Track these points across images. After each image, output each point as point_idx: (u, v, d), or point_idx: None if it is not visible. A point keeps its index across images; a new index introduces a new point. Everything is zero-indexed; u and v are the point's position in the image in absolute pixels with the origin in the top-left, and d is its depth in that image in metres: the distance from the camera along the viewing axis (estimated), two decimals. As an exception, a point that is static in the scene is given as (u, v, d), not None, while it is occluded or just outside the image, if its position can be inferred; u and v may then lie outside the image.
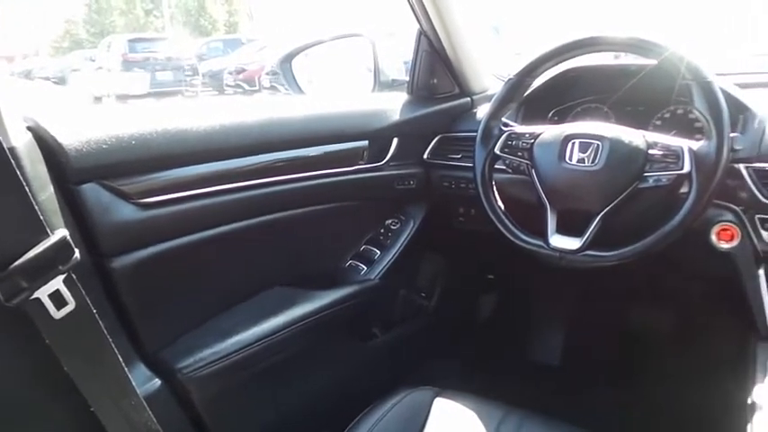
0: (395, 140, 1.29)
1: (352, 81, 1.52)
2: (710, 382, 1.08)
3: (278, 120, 1.10)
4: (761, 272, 0.98)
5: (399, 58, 1.59)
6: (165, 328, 0.98)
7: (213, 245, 1.00)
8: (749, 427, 0.80)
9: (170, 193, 0.92)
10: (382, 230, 1.36)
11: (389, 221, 1.37)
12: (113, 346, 0.67)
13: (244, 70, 11.28)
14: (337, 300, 1.18)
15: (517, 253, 1.06)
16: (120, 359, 0.68)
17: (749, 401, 0.84)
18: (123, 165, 0.87)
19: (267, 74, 10.25)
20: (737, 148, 0.94)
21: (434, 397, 0.98)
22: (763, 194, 0.94)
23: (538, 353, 1.70)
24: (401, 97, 1.36)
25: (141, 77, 10.60)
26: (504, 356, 1.65)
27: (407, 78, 1.40)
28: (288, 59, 1.42)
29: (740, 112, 1.02)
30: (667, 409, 1.29)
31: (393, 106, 1.31)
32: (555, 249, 0.98)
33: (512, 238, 1.05)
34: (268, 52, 11.73)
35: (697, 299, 1.33)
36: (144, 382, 0.88)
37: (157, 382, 0.90)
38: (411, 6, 1.27)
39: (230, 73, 11.46)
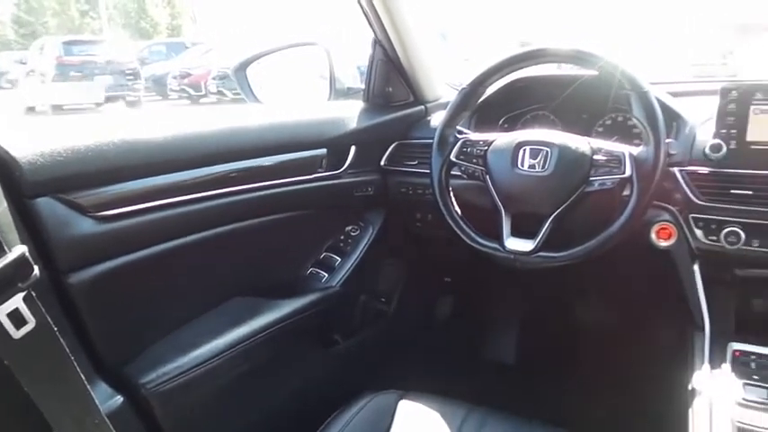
0: (352, 148, 1.31)
1: (308, 89, 1.53)
2: (654, 371, 1.15)
3: (236, 129, 1.10)
4: (696, 267, 1.06)
5: (352, 64, 1.62)
6: (127, 344, 0.96)
7: (173, 257, 0.99)
8: (690, 411, 0.87)
9: (128, 206, 0.91)
10: (342, 237, 1.38)
11: (349, 228, 1.39)
12: (75, 364, 0.66)
13: (189, 75, 11.04)
14: (299, 308, 1.18)
15: (473, 256, 1.10)
16: (83, 377, 0.67)
17: (689, 387, 0.91)
18: (79, 177, 0.86)
19: (214, 78, 10.07)
20: (672, 152, 1.01)
21: (398, 399, 1.01)
22: (695, 195, 1.02)
23: (495, 352, 1.75)
24: (357, 105, 1.39)
25: (97, 85, 9.77)
26: (463, 357, 1.69)
27: (363, 86, 1.42)
28: (242, 68, 1.42)
29: (673, 119, 1.10)
30: (615, 398, 1.36)
31: (350, 114, 1.33)
32: (510, 251, 1.02)
33: (468, 241, 1.09)
34: (214, 56, 11.52)
35: (641, 294, 1.42)
36: (106, 399, 0.87)
37: (120, 398, 0.89)
38: (366, 16, 1.29)
39: (175, 77, 11.18)
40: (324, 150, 1.26)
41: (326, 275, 1.32)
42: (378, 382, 1.08)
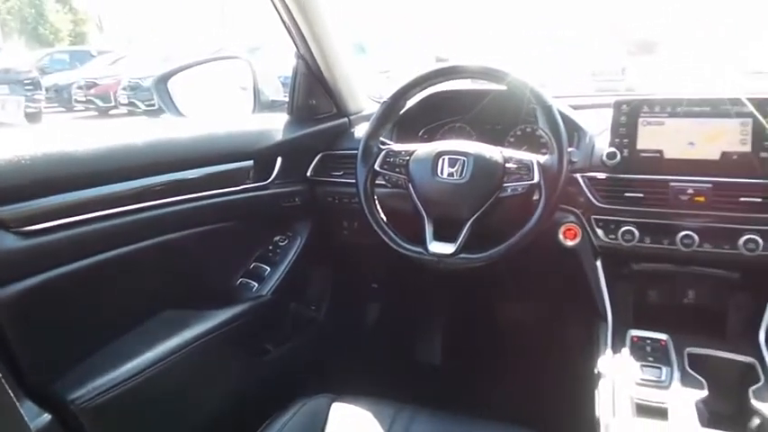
0: (279, 159, 1.33)
1: (231, 102, 1.54)
2: (566, 359, 1.25)
3: (162, 141, 1.10)
4: (598, 263, 1.18)
5: (275, 76, 1.64)
6: (54, 360, 0.93)
7: (101, 271, 0.98)
8: (596, 391, 0.96)
9: (53, 220, 0.89)
10: (271, 247, 1.40)
11: (277, 238, 1.41)
12: (3, 382, 0.64)
13: (96, 84, 10.46)
14: (230, 318, 1.19)
15: (399, 261, 1.15)
16: (12, 395, 0.65)
17: (595, 371, 1.01)
18: (1, 191, 0.83)
19: (124, 89, 9.61)
20: (574, 160, 1.12)
21: (331, 403, 1.04)
22: (595, 199, 1.13)
23: (422, 353, 1.82)
24: (282, 118, 1.41)
25: (14, 101, 8.89)
26: (392, 359, 1.74)
27: (287, 99, 1.45)
28: (163, 80, 1.40)
29: (575, 130, 1.21)
30: (533, 385, 1.46)
31: (275, 126, 1.35)
32: (433, 254, 1.09)
33: (394, 246, 1.14)
34: (123, 65, 11.01)
35: (552, 290, 1.53)
36: (33, 417, 0.84)
37: (47, 416, 0.86)
38: (288, 30, 1.32)
39: (80, 88, 10.53)
40: (250, 162, 1.27)
41: (257, 285, 1.32)
42: (310, 387, 1.11)
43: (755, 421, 0.88)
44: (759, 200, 1.02)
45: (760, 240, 1.01)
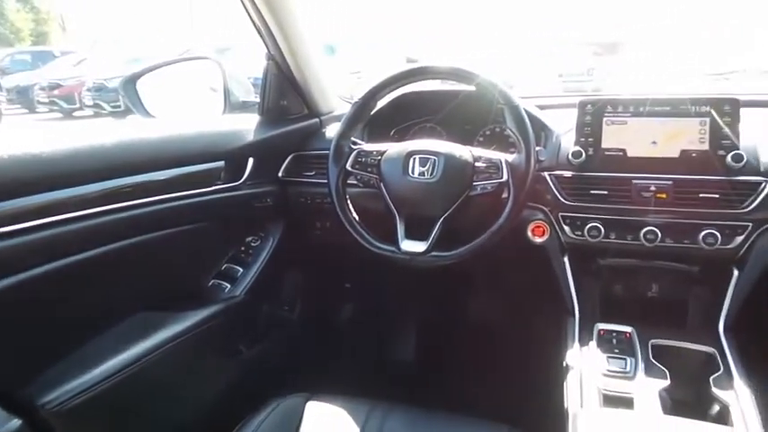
0: (250, 160, 1.33)
1: (201, 103, 1.52)
2: (536, 353, 1.27)
3: (133, 142, 1.08)
4: (566, 259, 1.21)
5: (244, 76, 1.63)
6: (23, 365, 0.92)
7: (71, 273, 0.96)
8: (565, 383, 0.99)
9: (22, 222, 0.87)
10: (243, 248, 1.39)
11: (250, 239, 1.41)
12: None
13: (59, 86, 10.20)
14: (203, 319, 1.18)
15: (371, 261, 1.16)
16: None
17: (564, 364, 1.03)
18: None
19: (89, 90, 9.40)
20: (541, 159, 1.15)
21: (305, 402, 1.04)
22: (562, 196, 1.16)
23: (396, 351, 1.83)
24: (253, 118, 1.40)
25: None
26: (366, 357, 1.75)
27: (258, 100, 1.44)
28: (132, 81, 1.38)
29: (542, 129, 1.24)
30: (504, 379, 1.49)
31: (246, 127, 1.34)
32: (405, 253, 1.10)
33: (366, 245, 1.15)
34: (88, 66, 10.76)
35: (522, 287, 1.56)
36: (1, 423, 0.82)
37: (17, 421, 0.85)
38: (258, 31, 1.32)
39: (43, 89, 10.26)
40: (221, 163, 1.26)
41: (229, 286, 1.32)
42: (285, 387, 1.11)
43: (715, 408, 0.92)
44: (717, 196, 1.06)
45: (718, 235, 1.05)
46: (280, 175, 1.42)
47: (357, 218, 1.18)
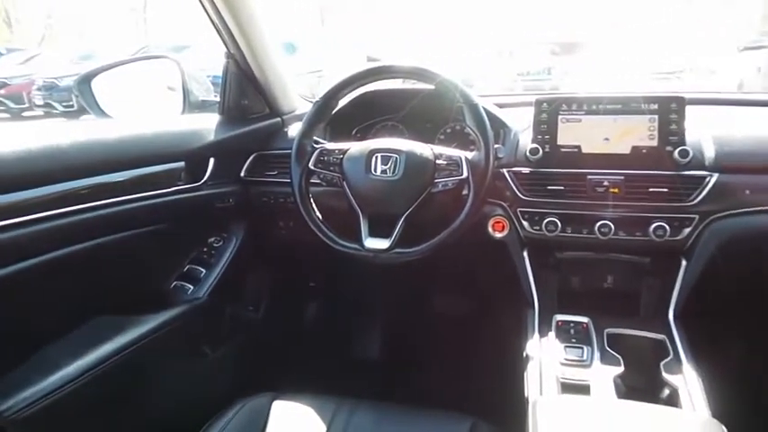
0: (211, 160, 1.32)
1: (159, 103, 1.50)
2: (498, 345, 1.30)
3: (88, 143, 1.06)
4: (525, 254, 1.24)
5: (203, 75, 1.61)
6: None
7: (26, 278, 0.93)
8: (525, 373, 1.02)
9: None
10: (206, 249, 1.38)
11: (212, 239, 1.39)
12: None
13: (6, 85, 9.77)
14: (165, 321, 1.17)
15: (336, 259, 1.17)
16: None
17: (524, 354, 1.07)
18: None
19: (39, 89, 9.04)
20: (500, 156, 1.18)
21: (271, 401, 1.04)
22: (521, 192, 1.19)
23: (362, 349, 1.84)
24: (214, 118, 1.39)
25: None
26: (333, 356, 1.76)
27: (218, 99, 1.43)
28: (86, 80, 1.35)
29: (500, 127, 1.27)
30: (468, 371, 1.52)
31: (207, 127, 1.33)
32: (369, 250, 1.11)
33: (330, 243, 1.16)
34: (37, 64, 10.35)
35: (484, 281, 1.59)
36: None
37: None
38: (217, 31, 1.30)
39: (-13, 88, 9.84)
40: (182, 163, 1.25)
41: (192, 287, 1.31)
42: (251, 388, 1.10)
43: (666, 392, 0.96)
44: (666, 190, 1.11)
45: (667, 227, 1.10)
46: (242, 174, 1.42)
47: (320, 216, 1.19)
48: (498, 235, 1.24)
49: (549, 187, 1.18)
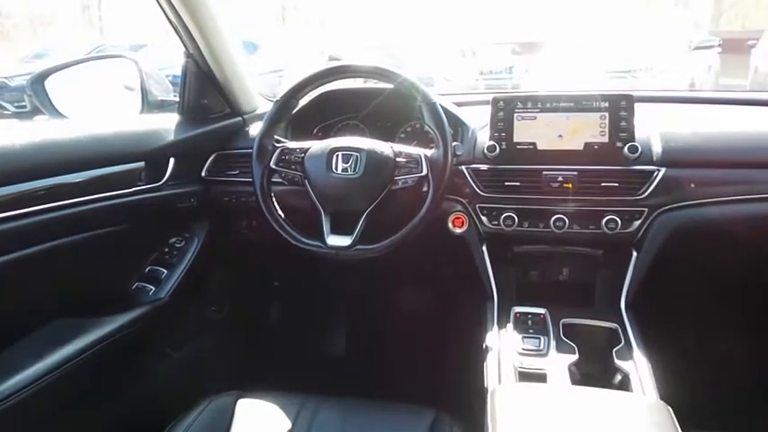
0: (171, 160, 1.31)
1: (117, 102, 1.47)
2: (459, 337, 1.33)
3: (44, 143, 1.04)
4: (484, 248, 1.27)
5: (162, 74, 1.59)
6: None
7: None
8: (485, 363, 1.05)
9: None
10: (167, 249, 1.37)
11: (174, 240, 1.38)
12: None
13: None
14: (126, 323, 1.16)
15: (299, 258, 1.18)
16: None
17: (484, 345, 1.10)
18: None
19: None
20: (458, 153, 1.21)
21: (236, 400, 1.05)
22: (479, 188, 1.23)
23: (327, 347, 1.85)
24: (173, 118, 1.38)
25: None
26: (298, 354, 1.76)
27: (177, 99, 1.41)
28: (40, 80, 1.32)
29: (459, 125, 1.30)
30: (430, 364, 1.55)
31: (166, 127, 1.32)
32: (331, 247, 1.12)
33: (293, 241, 1.17)
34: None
35: (446, 275, 1.62)
36: None
37: None
38: (176, 30, 1.29)
39: None
40: (141, 163, 1.24)
41: (154, 288, 1.29)
42: (216, 388, 1.10)
43: (618, 377, 1.01)
44: (616, 184, 1.16)
45: (618, 220, 1.15)
46: (203, 174, 1.41)
47: (283, 215, 1.19)
48: (458, 231, 1.27)
49: (507, 183, 1.21)
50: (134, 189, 1.22)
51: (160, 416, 1.02)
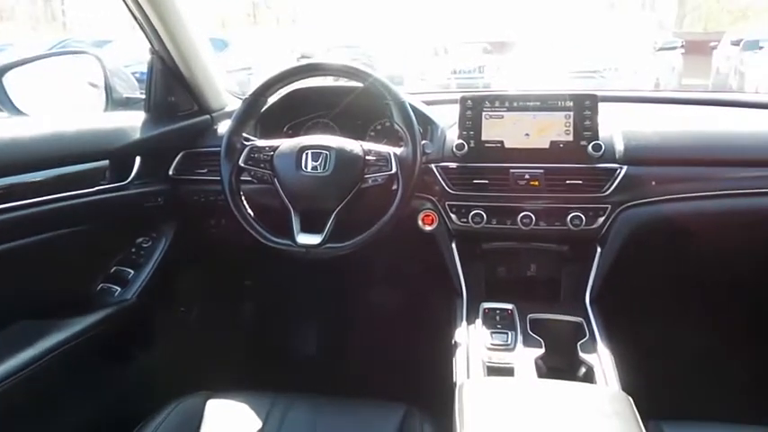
0: (137, 159, 1.29)
1: (80, 100, 1.44)
2: (430, 334, 1.34)
3: (5, 141, 1.01)
4: (453, 245, 1.29)
5: (128, 71, 1.56)
6: None
7: None
8: (454, 359, 1.06)
9: None
10: (134, 249, 1.35)
11: (140, 240, 1.36)
12: None
13: None
14: (91, 325, 1.14)
15: (270, 257, 1.17)
16: None
17: (453, 341, 1.11)
18: None
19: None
20: (428, 151, 1.22)
21: (205, 400, 1.04)
22: (448, 186, 1.24)
23: (299, 346, 1.85)
24: (139, 115, 1.35)
25: None
26: (270, 353, 1.75)
27: (143, 96, 1.39)
28: (-3, 76, 1.28)
29: (428, 124, 1.31)
30: (400, 360, 1.56)
31: (132, 124, 1.30)
32: (301, 246, 1.12)
33: (263, 240, 1.16)
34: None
35: (416, 272, 1.63)
36: None
37: None
38: (140, 26, 1.27)
39: None
40: (106, 162, 1.21)
41: (120, 289, 1.27)
42: (186, 389, 1.09)
43: (582, 370, 1.03)
44: (581, 182, 1.18)
45: (583, 217, 1.18)
46: (170, 173, 1.39)
47: (252, 213, 1.19)
48: (428, 228, 1.28)
49: (475, 181, 1.23)
50: (98, 188, 1.20)
51: (128, 419, 1.00)
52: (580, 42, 6.73)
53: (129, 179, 1.27)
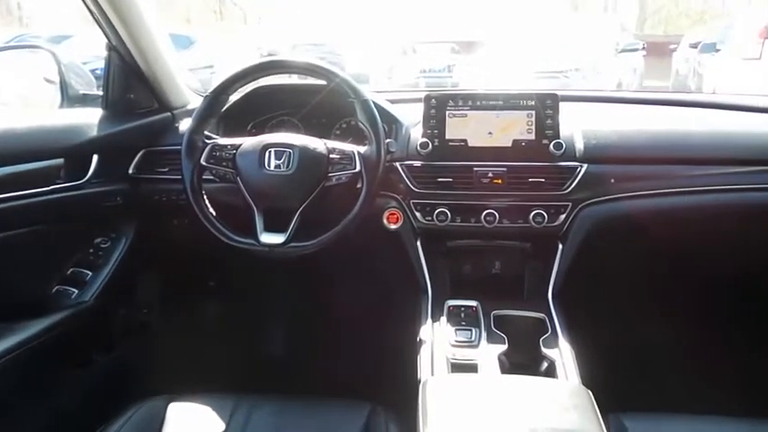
0: (95, 157, 1.25)
1: (33, 96, 1.40)
2: (396, 331, 1.34)
3: None
4: (418, 243, 1.29)
5: (85, 67, 1.52)
6: None
7: None
8: (418, 356, 1.06)
9: None
10: (92, 250, 1.31)
11: (98, 240, 1.32)
12: None
13: None
14: (45, 328, 1.10)
15: (234, 257, 1.15)
16: None
17: (418, 338, 1.11)
18: None
19: None
20: (392, 150, 1.22)
21: (167, 404, 1.02)
22: (413, 185, 1.24)
23: (264, 345, 1.83)
24: (96, 112, 1.32)
25: None
26: (234, 354, 1.73)
27: (101, 93, 1.35)
28: (-56, 71, 1.23)
29: (392, 122, 1.31)
30: (367, 358, 1.56)
31: (89, 122, 1.26)
32: (264, 245, 1.11)
33: (225, 239, 1.14)
34: None
35: (382, 270, 1.63)
36: None
37: None
38: (96, 21, 1.24)
39: None
40: (61, 160, 1.18)
41: (76, 291, 1.24)
42: (147, 393, 1.07)
43: (544, 365, 1.05)
44: (543, 180, 1.20)
45: (545, 214, 1.20)
46: (130, 171, 1.36)
47: (214, 213, 1.17)
48: (393, 226, 1.28)
49: (439, 179, 1.23)
50: (53, 187, 1.16)
51: (86, 425, 0.97)
52: (545, 43, 6.85)
53: (86, 178, 1.24)
